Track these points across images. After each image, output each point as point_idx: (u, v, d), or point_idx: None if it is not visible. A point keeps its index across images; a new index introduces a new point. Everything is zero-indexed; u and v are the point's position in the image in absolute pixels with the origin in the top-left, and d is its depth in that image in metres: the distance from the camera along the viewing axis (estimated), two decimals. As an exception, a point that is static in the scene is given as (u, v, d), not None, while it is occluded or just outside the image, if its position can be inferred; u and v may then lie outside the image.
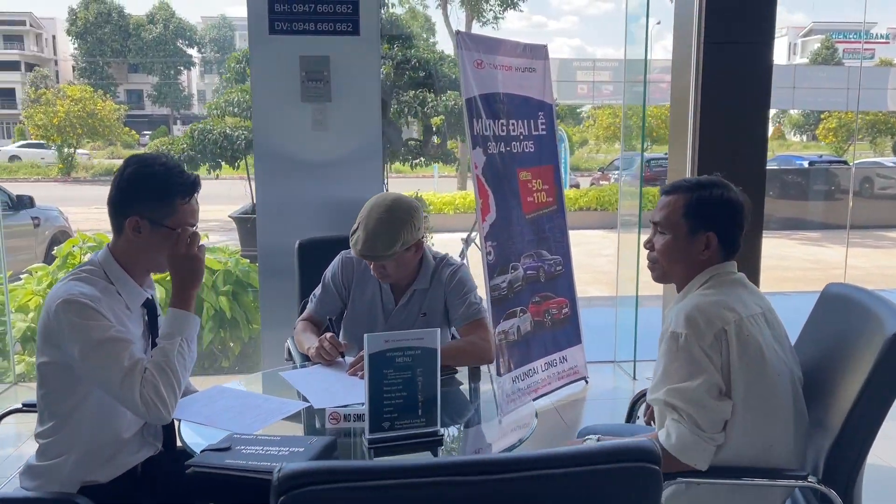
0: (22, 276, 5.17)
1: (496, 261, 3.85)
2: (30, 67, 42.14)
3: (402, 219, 2.26)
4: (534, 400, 3.96)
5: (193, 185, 1.84)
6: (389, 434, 1.68)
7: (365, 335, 1.66)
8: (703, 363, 1.67)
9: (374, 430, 1.67)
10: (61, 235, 9.63)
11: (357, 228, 2.29)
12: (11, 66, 42.69)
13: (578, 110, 33.56)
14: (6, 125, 41.01)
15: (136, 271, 1.85)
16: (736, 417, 1.68)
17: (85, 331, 1.66)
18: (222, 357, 5.15)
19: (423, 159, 6.05)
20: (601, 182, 18.46)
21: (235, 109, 6.58)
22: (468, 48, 3.70)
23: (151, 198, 1.79)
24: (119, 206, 1.80)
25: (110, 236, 5.43)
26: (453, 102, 5.98)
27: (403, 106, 5.29)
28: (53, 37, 45.79)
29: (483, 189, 3.79)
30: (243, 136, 6.22)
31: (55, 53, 46.32)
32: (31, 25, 44.59)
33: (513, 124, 4.01)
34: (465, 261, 4.36)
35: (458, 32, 3.67)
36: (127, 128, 29.61)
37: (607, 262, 9.76)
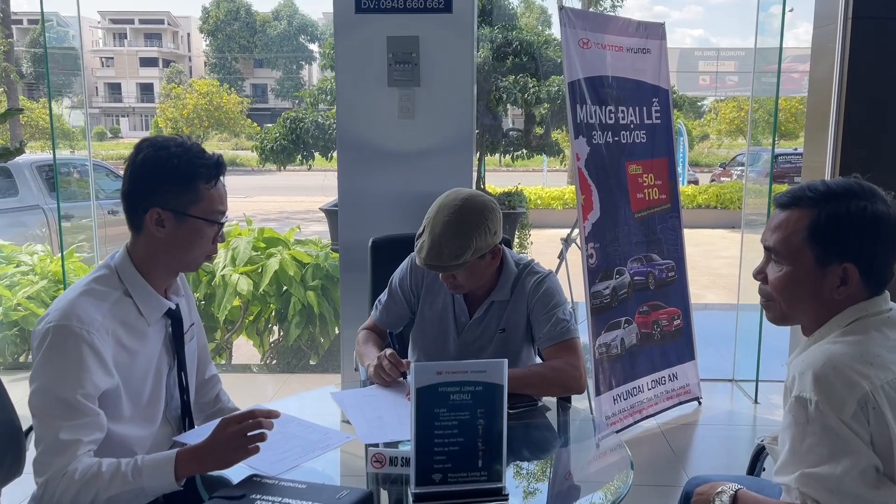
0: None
1: (599, 264, 3.45)
2: (167, 63, 44.83)
3: (473, 222, 1.91)
4: (636, 422, 3.55)
5: (218, 167, 1.57)
6: (441, 489, 1.35)
7: (412, 363, 1.34)
8: (847, 439, 1.22)
9: (422, 483, 1.35)
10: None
11: (423, 232, 1.97)
12: (151, 62, 45.62)
13: (700, 103, 32.04)
14: (145, 118, 43.73)
15: (158, 274, 1.60)
16: None
17: (50, 375, 1.43)
18: (311, 353, 4.99)
19: (524, 151, 5.65)
20: (722, 178, 17.37)
21: (328, 98, 6.39)
22: (573, 25, 3.31)
23: (172, 184, 1.54)
24: (135, 199, 1.55)
25: (249, 224, 5.24)
26: (556, 88, 5.49)
27: (502, 92, 4.91)
28: (188, 34, 48.48)
29: (585, 183, 3.40)
30: (334, 126, 6.03)
31: (189, 50, 49.01)
32: (168, 24, 47.38)
33: (622, 111, 3.59)
34: (563, 262, 3.97)
35: (561, 8, 3.28)
36: (249, 120, 30.75)
37: (726, 265, 9.03)
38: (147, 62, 45.95)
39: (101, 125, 42.74)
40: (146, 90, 45.58)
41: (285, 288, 4.65)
